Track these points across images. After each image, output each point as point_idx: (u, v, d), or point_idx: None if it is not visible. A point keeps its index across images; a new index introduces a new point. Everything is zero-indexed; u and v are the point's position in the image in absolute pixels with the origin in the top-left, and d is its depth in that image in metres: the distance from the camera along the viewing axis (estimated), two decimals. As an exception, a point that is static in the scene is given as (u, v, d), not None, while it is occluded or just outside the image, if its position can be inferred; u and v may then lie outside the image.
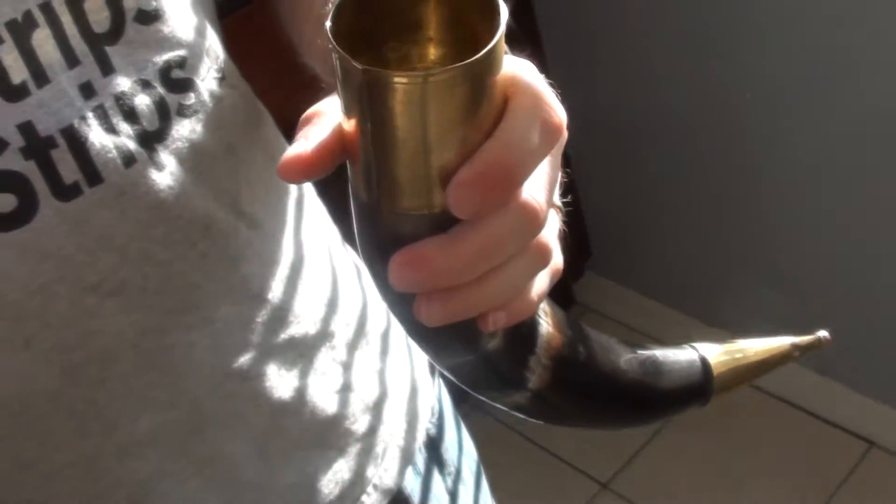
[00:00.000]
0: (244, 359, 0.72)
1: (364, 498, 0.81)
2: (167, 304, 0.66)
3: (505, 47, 0.42)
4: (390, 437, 0.84)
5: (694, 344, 0.66)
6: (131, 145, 0.63)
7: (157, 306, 0.66)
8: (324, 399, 0.78)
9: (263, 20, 0.82)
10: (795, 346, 0.66)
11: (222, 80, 0.70)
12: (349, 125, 0.43)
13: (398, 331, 0.87)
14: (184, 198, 0.66)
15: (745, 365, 0.66)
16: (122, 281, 0.64)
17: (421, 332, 0.50)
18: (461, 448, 0.94)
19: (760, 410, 2.30)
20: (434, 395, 0.91)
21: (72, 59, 0.60)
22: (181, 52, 0.66)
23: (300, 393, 0.76)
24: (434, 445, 0.90)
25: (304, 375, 0.76)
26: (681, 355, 0.65)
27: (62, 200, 0.60)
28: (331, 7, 0.42)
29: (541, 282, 0.49)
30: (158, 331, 0.66)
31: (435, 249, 0.43)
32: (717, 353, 0.66)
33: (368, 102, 0.40)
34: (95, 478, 0.67)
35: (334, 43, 0.40)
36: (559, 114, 0.44)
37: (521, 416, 0.58)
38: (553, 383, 0.55)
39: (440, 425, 0.90)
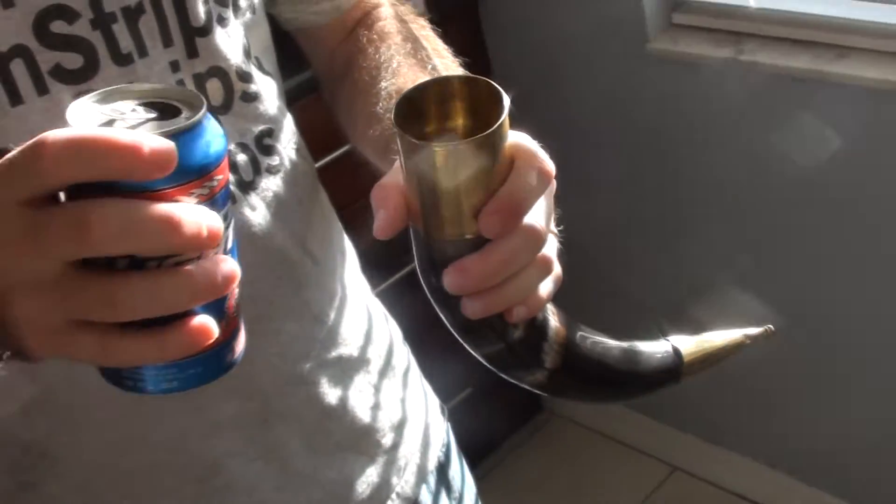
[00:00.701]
0: (303, 366, 0.92)
1: (389, 502, 1.00)
2: (249, 313, 0.86)
3: (508, 125, 0.64)
4: (410, 454, 1.03)
5: (669, 337, 0.82)
6: (233, 189, 0.84)
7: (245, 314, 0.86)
8: (361, 411, 0.97)
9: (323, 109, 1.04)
10: (747, 336, 0.82)
11: (297, 150, 0.92)
12: (409, 182, 0.64)
13: (416, 373, 1.08)
14: (268, 233, 0.87)
15: (709, 350, 0.82)
16: None
17: (466, 327, 0.70)
18: (464, 479, 1.13)
19: None
20: (444, 429, 1.10)
21: None
22: (270, 126, 0.88)
23: (343, 402, 0.95)
24: (443, 471, 1.09)
25: (346, 388, 0.96)
26: (657, 345, 0.81)
27: None
28: (392, 105, 0.64)
29: (547, 285, 0.68)
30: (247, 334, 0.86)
31: (473, 262, 0.63)
32: (686, 342, 0.82)
33: (420, 165, 0.61)
34: (183, 450, 0.86)
35: (398, 128, 0.61)
36: (549, 165, 0.65)
37: (540, 392, 0.77)
38: (563, 364, 0.74)
39: (448, 455, 1.09)
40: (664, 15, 2.06)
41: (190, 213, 0.51)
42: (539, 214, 0.65)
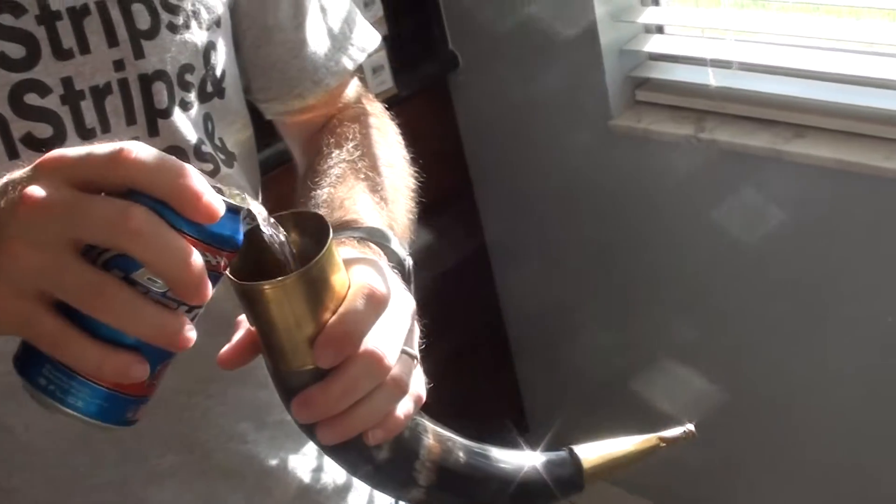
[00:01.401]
0: (245, 426, 0.95)
1: (325, 564, 1.02)
2: (198, 373, 0.89)
3: (336, 254, 0.65)
4: None
5: (572, 446, 0.80)
6: None
7: (190, 374, 0.88)
8: (302, 472, 0.99)
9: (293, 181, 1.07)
10: (662, 439, 0.79)
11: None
12: (248, 318, 0.67)
13: None
14: (222, 300, 0.89)
15: (615, 457, 0.79)
16: None
17: (331, 452, 0.72)
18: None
19: None
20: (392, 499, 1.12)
21: None
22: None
23: (283, 463, 0.98)
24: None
25: (287, 451, 0.98)
26: (552, 455, 0.79)
27: None
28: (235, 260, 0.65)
29: (405, 405, 0.68)
30: (188, 392, 0.90)
31: (315, 393, 0.64)
32: (588, 450, 0.79)
33: (250, 303, 0.64)
34: (125, 495, 0.89)
35: (230, 276, 0.62)
36: (382, 289, 0.66)
37: None
38: (438, 481, 0.73)
39: (398, 517, 1.11)
40: (628, 92, 2.10)
41: (200, 268, 0.57)
42: (384, 338, 0.66)
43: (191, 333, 0.58)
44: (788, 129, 1.90)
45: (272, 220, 0.65)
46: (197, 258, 0.57)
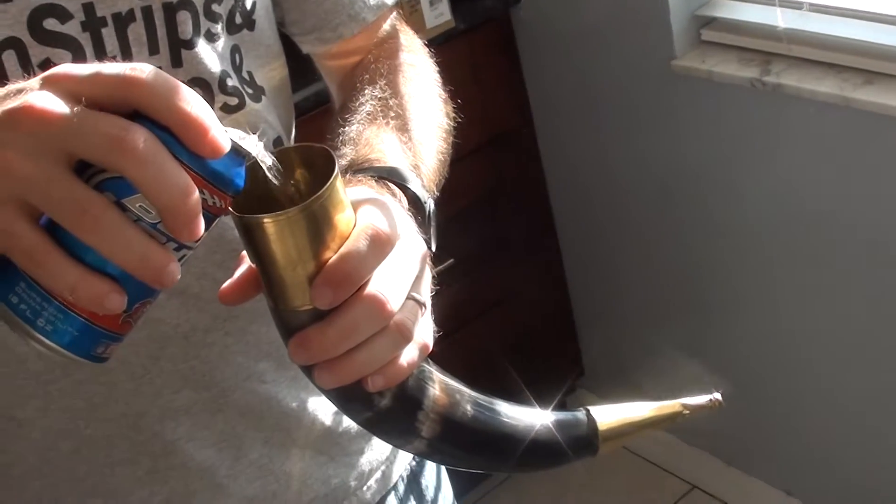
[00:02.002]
0: (264, 366, 0.93)
1: (345, 503, 1.01)
2: (215, 311, 0.88)
3: (342, 192, 0.62)
4: (377, 462, 1.04)
5: (589, 406, 0.76)
6: None
7: (207, 310, 0.88)
8: (323, 414, 0.98)
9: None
10: (685, 406, 0.76)
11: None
12: (249, 255, 0.64)
13: None
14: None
15: (633, 420, 0.76)
16: (185, 286, 0.86)
17: (331, 395, 0.68)
18: (439, 488, 1.13)
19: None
20: None
21: None
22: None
23: (304, 403, 0.97)
24: (415, 479, 1.09)
25: (310, 392, 0.97)
26: (567, 415, 0.75)
27: None
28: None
29: (409, 353, 0.65)
30: (204, 329, 0.88)
31: (313, 333, 0.62)
32: (605, 411, 0.76)
33: (250, 238, 0.61)
34: (140, 429, 0.89)
35: (230, 209, 0.60)
36: (387, 231, 0.63)
37: (427, 460, 0.73)
38: (442, 433, 0.70)
39: (422, 463, 1.10)
40: (693, 31, 2.05)
41: (196, 202, 0.55)
42: (388, 282, 0.63)
43: (175, 271, 0.56)
44: (858, 76, 1.83)
45: (273, 155, 0.63)
46: (194, 191, 0.55)
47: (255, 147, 0.61)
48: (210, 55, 0.86)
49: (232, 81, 0.87)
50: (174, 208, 0.54)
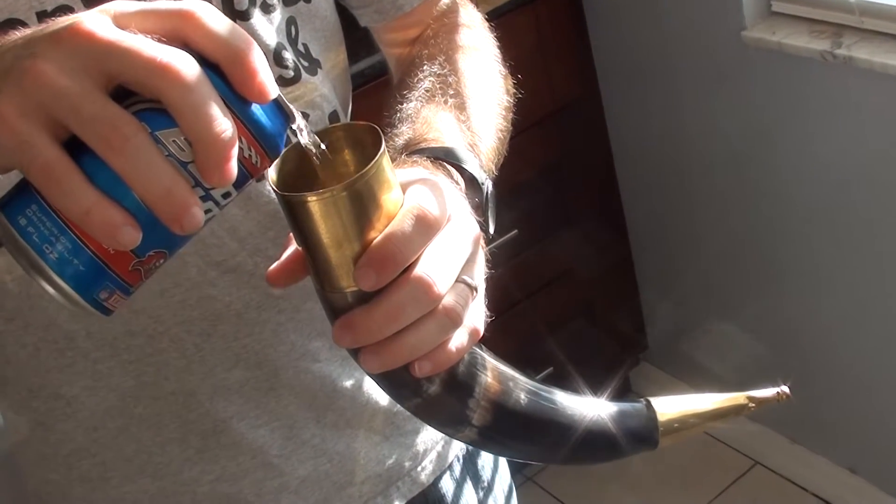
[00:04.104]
0: (318, 345, 0.93)
1: (399, 484, 1.01)
2: (268, 288, 0.88)
3: (388, 171, 0.60)
4: (432, 442, 1.03)
5: (650, 398, 0.74)
6: None
7: (260, 288, 0.87)
8: (378, 393, 0.97)
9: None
10: (751, 399, 0.73)
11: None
12: (294, 235, 0.63)
13: None
14: None
15: (695, 413, 0.73)
16: (238, 263, 0.86)
17: (378, 380, 0.67)
18: (496, 469, 1.12)
19: None
20: None
21: None
22: (307, 110, 0.88)
23: (358, 384, 0.96)
24: (472, 460, 1.08)
25: (364, 372, 0.96)
26: (626, 405, 0.73)
27: None
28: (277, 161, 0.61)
29: (458, 338, 0.63)
30: (257, 307, 0.88)
31: (358, 316, 0.60)
32: (666, 402, 0.73)
33: (294, 217, 0.59)
34: (190, 407, 0.89)
35: (273, 186, 0.59)
36: (434, 212, 0.61)
37: (479, 448, 0.70)
38: (494, 422, 0.68)
39: (478, 445, 1.09)
40: (764, 2, 2.01)
41: (234, 146, 0.52)
42: (436, 264, 0.61)
43: (198, 217, 0.53)
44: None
45: (319, 133, 0.61)
46: (233, 133, 0.52)
47: (302, 121, 0.59)
48: (266, 27, 0.85)
49: (288, 54, 0.86)
50: (210, 143, 0.52)
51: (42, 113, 0.51)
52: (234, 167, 0.53)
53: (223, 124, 0.52)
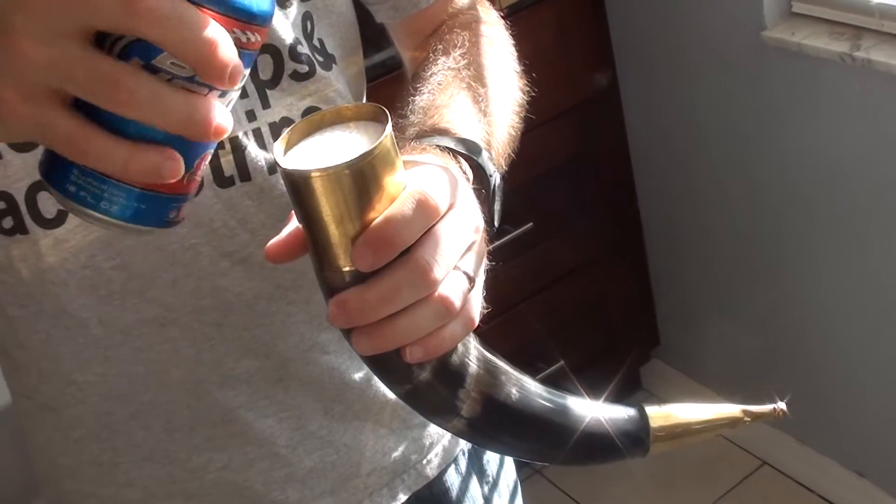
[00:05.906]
0: (327, 337, 0.93)
1: (405, 476, 1.01)
2: (279, 279, 0.88)
3: (393, 153, 0.59)
4: (438, 436, 1.04)
5: (644, 404, 0.73)
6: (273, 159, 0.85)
7: (271, 279, 0.88)
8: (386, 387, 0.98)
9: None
10: (746, 413, 0.72)
11: None
12: (295, 212, 0.62)
13: None
14: None
15: (686, 422, 0.72)
16: (250, 254, 0.86)
17: (370, 363, 0.67)
18: (502, 464, 1.13)
19: None
20: None
21: (242, 93, 0.83)
22: (320, 105, 0.89)
23: (368, 376, 0.96)
24: (478, 455, 1.09)
25: (373, 363, 0.97)
26: (620, 409, 0.72)
27: (220, 187, 0.84)
28: (284, 132, 0.62)
29: (452, 328, 0.63)
30: (268, 298, 0.88)
31: (351, 295, 0.59)
32: (661, 410, 0.72)
33: (294, 193, 0.59)
34: (199, 396, 0.90)
35: (278, 162, 0.59)
36: (436, 198, 0.60)
37: (469, 441, 0.68)
38: (483, 414, 0.68)
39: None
40: (784, 2, 2.00)
41: (228, 44, 0.52)
42: (434, 249, 0.61)
43: (226, 122, 0.53)
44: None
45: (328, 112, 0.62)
46: (222, 33, 0.52)
47: None
48: (281, 22, 0.85)
49: (303, 49, 0.87)
50: (206, 60, 0.51)
51: (41, 89, 0.51)
52: (239, 66, 0.53)
53: (212, 37, 0.51)
